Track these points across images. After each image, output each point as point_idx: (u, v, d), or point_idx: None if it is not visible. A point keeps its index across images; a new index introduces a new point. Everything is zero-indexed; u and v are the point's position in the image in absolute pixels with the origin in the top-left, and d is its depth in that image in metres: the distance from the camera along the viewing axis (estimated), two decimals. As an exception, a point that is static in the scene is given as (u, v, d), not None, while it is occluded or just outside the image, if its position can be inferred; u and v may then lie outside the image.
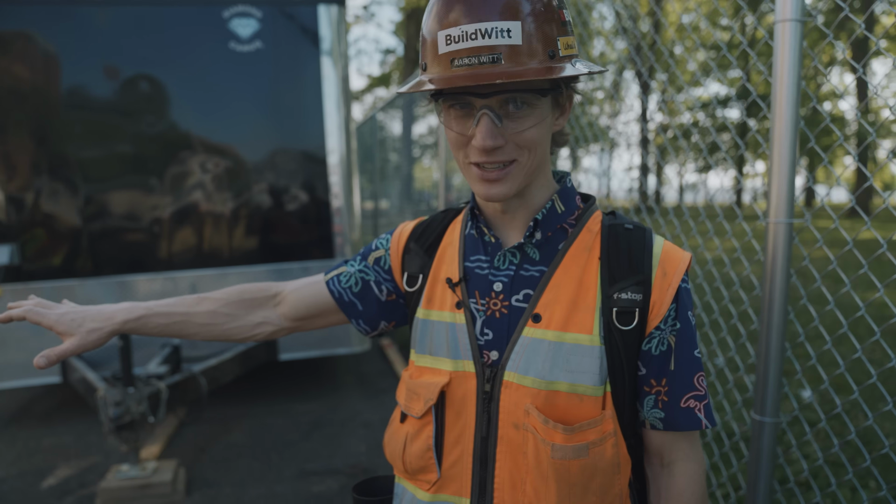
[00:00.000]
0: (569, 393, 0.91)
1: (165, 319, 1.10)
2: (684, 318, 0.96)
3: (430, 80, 0.86)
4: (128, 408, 3.06)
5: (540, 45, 0.84)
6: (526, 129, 0.88)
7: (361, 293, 1.15)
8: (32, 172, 4.07)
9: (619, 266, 0.95)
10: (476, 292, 0.99)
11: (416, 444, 1.00)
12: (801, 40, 1.54)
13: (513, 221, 1.00)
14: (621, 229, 0.99)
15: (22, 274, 4.11)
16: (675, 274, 0.95)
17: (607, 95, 21.43)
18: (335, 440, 3.97)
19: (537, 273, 0.97)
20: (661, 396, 0.96)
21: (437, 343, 1.01)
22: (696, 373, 0.97)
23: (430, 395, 0.99)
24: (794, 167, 1.56)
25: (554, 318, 0.93)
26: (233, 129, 4.34)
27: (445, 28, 0.83)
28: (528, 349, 0.93)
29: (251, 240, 4.42)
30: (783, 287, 1.58)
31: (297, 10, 4.31)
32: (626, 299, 0.93)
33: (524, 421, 0.92)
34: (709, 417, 0.97)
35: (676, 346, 0.95)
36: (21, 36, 3.98)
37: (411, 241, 1.13)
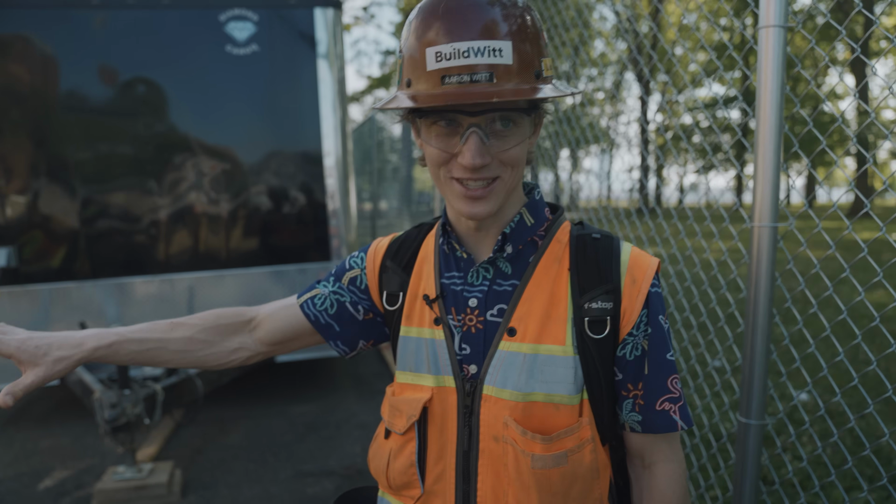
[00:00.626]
0: (545, 403, 0.92)
1: (138, 346, 1.04)
2: (655, 322, 0.97)
3: (415, 96, 0.85)
4: (123, 410, 3.07)
5: (527, 65, 0.85)
6: (511, 148, 0.89)
7: (338, 314, 1.13)
8: (30, 175, 4.09)
9: (588, 276, 0.96)
10: (452, 308, 1.00)
11: (400, 461, 1.01)
12: (785, 46, 1.55)
13: (486, 238, 1.01)
14: (589, 239, 1.00)
15: (19, 276, 4.12)
16: (644, 280, 0.96)
17: (608, 96, 21.43)
18: (331, 442, 3.99)
19: (510, 287, 0.98)
20: (638, 400, 0.97)
21: (417, 359, 1.02)
22: (670, 375, 0.98)
23: (412, 411, 0.99)
24: (779, 171, 1.58)
25: (528, 332, 0.94)
26: (229, 131, 4.35)
27: (435, 45, 0.83)
28: (505, 363, 0.94)
29: (248, 242, 4.44)
30: (768, 290, 1.59)
31: (293, 13, 4.32)
32: (596, 308, 0.94)
33: (503, 433, 0.93)
34: (684, 419, 0.99)
35: (649, 350, 0.97)
36: (19, 39, 3.99)
37: (387, 260, 1.12)
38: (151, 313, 4.31)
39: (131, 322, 4.26)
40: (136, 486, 3.20)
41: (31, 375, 0.94)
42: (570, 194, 7.87)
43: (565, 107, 9.39)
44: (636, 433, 1.00)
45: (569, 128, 3.60)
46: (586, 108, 8.16)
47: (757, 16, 1.58)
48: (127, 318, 4.27)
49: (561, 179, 9.09)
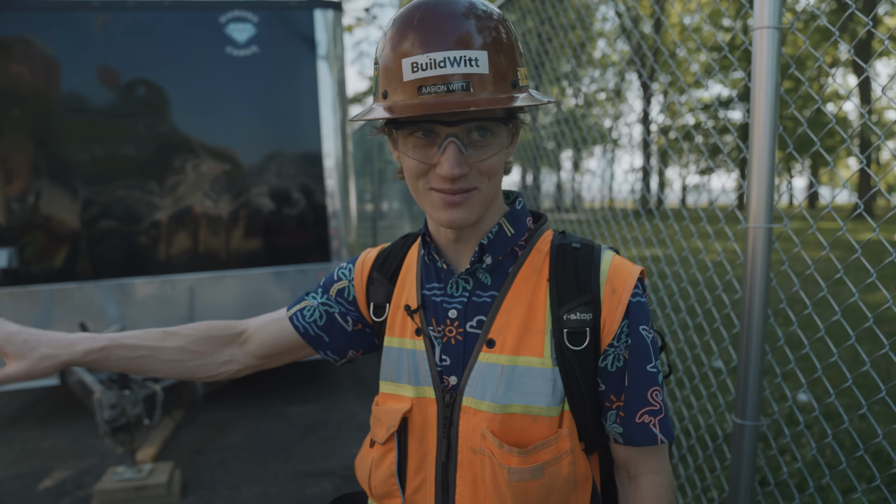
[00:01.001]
0: (523, 414, 0.92)
1: (130, 353, 1.03)
2: (636, 333, 0.95)
3: (391, 107, 0.84)
4: (123, 410, 3.08)
5: (503, 75, 0.85)
6: (489, 158, 0.88)
7: (327, 326, 1.13)
8: (31, 176, 4.10)
9: (566, 286, 0.95)
10: (433, 319, 1.00)
11: (381, 470, 1.01)
12: (780, 47, 1.55)
13: (465, 249, 1.00)
14: (569, 248, 0.99)
15: (21, 277, 4.14)
16: (625, 290, 0.95)
17: (608, 97, 21.42)
18: (330, 442, 3.99)
19: (489, 298, 0.97)
20: (620, 412, 0.96)
21: (398, 370, 1.02)
22: (651, 388, 0.96)
23: (392, 421, 0.99)
24: (773, 172, 1.58)
25: (507, 343, 0.94)
26: (230, 132, 4.37)
27: (410, 55, 0.83)
28: (484, 374, 0.94)
29: (248, 243, 4.45)
30: (762, 291, 1.59)
31: (293, 14, 4.34)
32: (575, 320, 0.93)
33: (481, 445, 0.93)
34: (665, 432, 0.97)
35: (630, 361, 0.95)
36: (20, 41, 4.01)
37: (374, 271, 1.12)
38: (152, 314, 4.32)
39: (132, 323, 4.27)
40: (135, 487, 3.21)
41: (13, 368, 0.94)
42: (573, 195, 7.86)
43: (568, 107, 9.39)
44: (620, 445, 0.99)
45: (569, 129, 3.60)
46: (589, 108, 8.16)
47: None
48: (128, 319, 4.28)
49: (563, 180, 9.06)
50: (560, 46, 3.75)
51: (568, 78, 4.90)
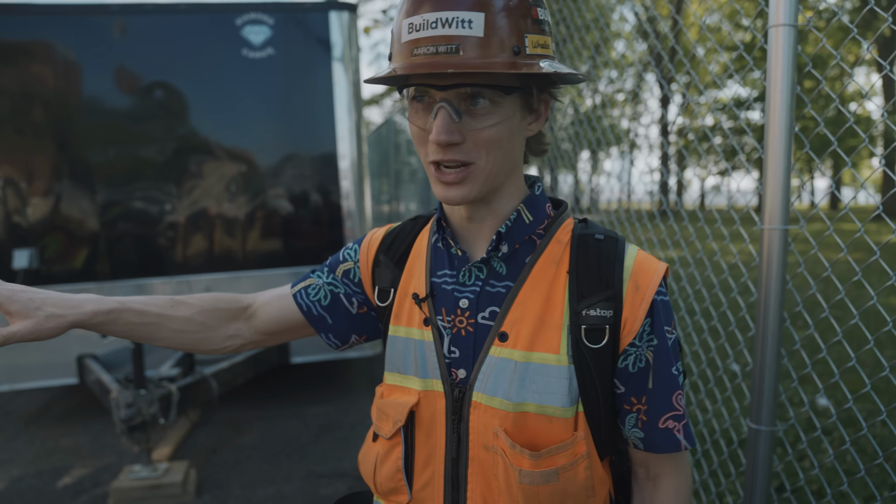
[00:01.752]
0: (537, 415, 0.87)
1: (138, 318, 0.98)
2: (661, 333, 0.90)
3: (395, 69, 0.83)
4: (139, 409, 3.11)
5: (503, 40, 0.79)
6: (485, 128, 0.83)
7: (331, 306, 1.09)
8: (52, 177, 4.17)
9: (587, 280, 0.89)
10: (443, 309, 0.95)
11: (387, 466, 0.98)
12: (795, 45, 1.52)
13: (480, 231, 0.95)
14: (591, 240, 0.93)
15: (41, 277, 4.20)
16: (649, 287, 0.89)
17: (628, 98, 21.31)
18: (344, 443, 4.00)
19: (503, 289, 0.92)
20: (641, 416, 0.92)
21: (405, 361, 0.97)
22: (675, 391, 0.92)
23: (398, 415, 0.95)
24: (789, 173, 1.55)
25: (521, 338, 0.89)
26: (246, 134, 4.40)
27: (409, 16, 0.81)
28: (495, 369, 0.89)
29: (263, 244, 4.48)
30: (778, 294, 1.57)
31: (308, 16, 4.36)
32: (595, 316, 0.88)
33: (493, 443, 0.89)
34: (688, 438, 0.93)
35: (654, 363, 0.90)
36: (41, 45, 4.08)
37: (380, 253, 1.07)
38: (169, 314, 4.35)
39: (149, 323, 4.31)
40: (151, 485, 3.24)
41: (17, 326, 0.86)
42: (591, 196, 7.80)
43: (585, 108, 9.35)
44: (639, 450, 0.95)
45: (589, 128, 3.57)
46: (605, 108, 8.09)
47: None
48: (145, 319, 4.31)
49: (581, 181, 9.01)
50: (577, 48, 3.72)
51: (588, 77, 4.87)
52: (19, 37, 4.05)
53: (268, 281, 4.49)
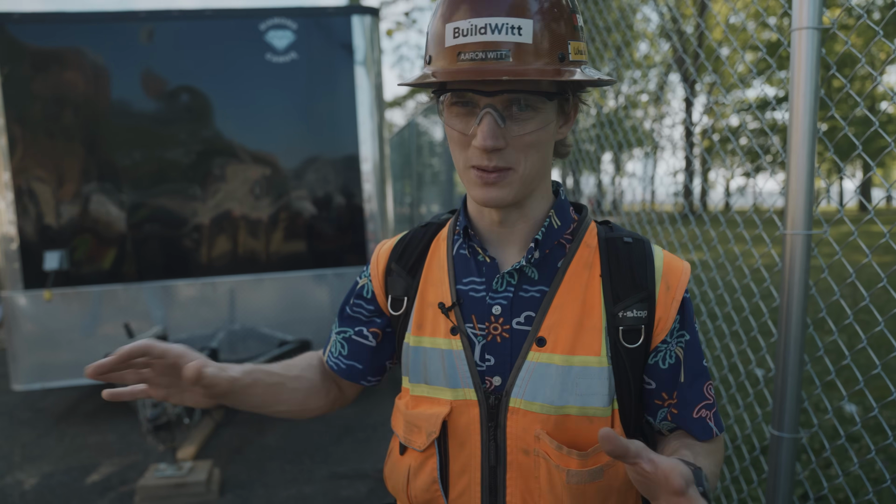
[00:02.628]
0: (579, 416, 0.89)
1: (267, 378, 1.01)
2: (691, 328, 0.95)
3: (434, 73, 0.83)
4: (164, 409, 3.16)
5: (550, 46, 0.81)
6: (528, 133, 0.84)
7: (351, 353, 1.10)
8: (82, 180, 4.26)
9: (622, 283, 0.92)
10: (473, 316, 0.94)
11: (421, 478, 0.97)
12: (819, 48, 1.51)
13: (510, 236, 0.96)
14: (620, 243, 0.96)
15: (71, 278, 4.30)
16: (678, 287, 0.93)
17: (652, 98, 21.08)
18: (366, 445, 4.02)
19: (538, 294, 0.92)
20: (672, 409, 0.95)
21: (432, 371, 0.97)
22: (706, 382, 0.96)
23: (432, 427, 0.95)
24: (813, 177, 1.53)
25: (560, 342, 0.90)
26: (269, 137, 4.46)
27: (454, 20, 0.81)
28: (535, 374, 0.90)
29: (287, 246, 4.53)
30: (801, 299, 1.55)
31: (331, 20, 4.40)
32: (631, 317, 0.91)
33: (535, 447, 0.89)
34: (718, 425, 0.97)
35: (686, 357, 0.94)
36: (73, 51, 4.17)
37: (392, 262, 1.07)
38: (193, 315, 4.43)
39: (175, 324, 4.40)
40: (176, 484, 3.29)
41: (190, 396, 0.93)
42: (613, 197, 7.73)
43: (608, 110, 9.27)
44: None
45: (611, 131, 3.56)
46: (630, 109, 8.03)
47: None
48: (171, 320, 4.40)
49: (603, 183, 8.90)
50: (600, 48, 3.71)
51: (616, 81, 4.85)
52: (51, 44, 4.15)
53: (291, 283, 4.53)
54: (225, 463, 3.80)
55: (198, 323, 4.45)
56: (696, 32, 17.13)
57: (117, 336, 4.31)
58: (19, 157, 4.18)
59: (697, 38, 17.46)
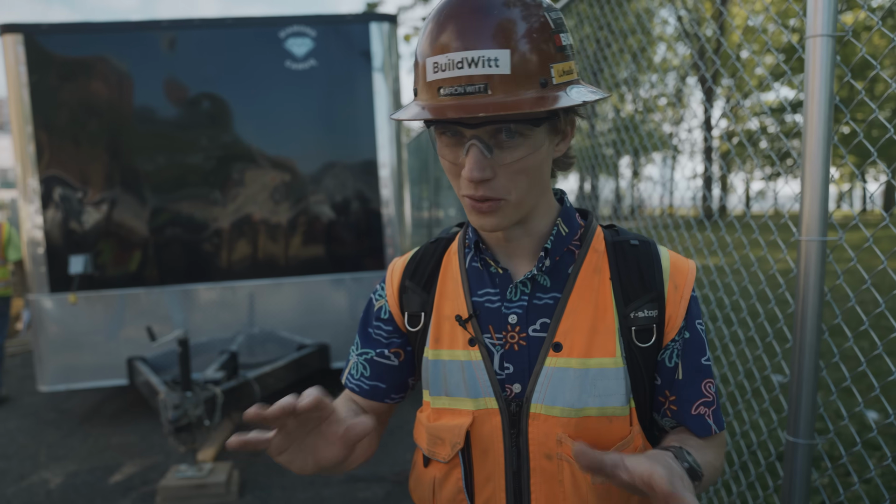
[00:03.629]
0: (598, 417, 0.91)
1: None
2: (692, 326, 0.97)
3: (423, 107, 0.83)
4: (185, 411, 3.22)
5: (530, 74, 0.79)
6: (518, 160, 0.84)
7: (374, 374, 1.09)
8: (105, 186, 4.35)
9: (631, 284, 0.95)
10: (490, 327, 0.96)
11: (447, 489, 0.98)
12: (834, 55, 1.51)
13: (518, 249, 0.97)
14: (627, 246, 0.98)
15: (95, 282, 4.38)
16: (686, 286, 0.96)
17: (670, 102, 20.96)
18: (383, 448, 4.05)
19: (551, 300, 0.94)
20: (669, 406, 0.97)
21: (452, 383, 0.97)
22: (705, 379, 0.97)
23: (456, 438, 0.96)
24: (828, 184, 1.53)
25: (576, 346, 0.91)
26: (288, 143, 4.52)
27: (434, 54, 0.80)
28: (553, 379, 0.91)
29: (305, 251, 4.58)
30: (816, 306, 1.55)
31: (349, 28, 4.45)
32: (643, 317, 0.93)
33: (557, 451, 0.91)
34: (717, 422, 0.98)
35: (684, 354, 0.96)
36: (98, 61, 4.27)
37: (406, 279, 1.07)
38: (213, 319, 4.50)
39: (195, 327, 4.47)
40: (196, 485, 3.34)
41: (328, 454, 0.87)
42: (631, 202, 7.70)
43: (625, 114, 9.21)
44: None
45: (628, 137, 3.56)
46: (648, 113, 8.00)
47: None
48: (192, 323, 4.47)
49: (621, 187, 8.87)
50: (619, 52, 3.71)
51: (627, 83, 4.84)
52: (77, 53, 4.26)
53: (309, 287, 4.58)
54: (244, 465, 3.85)
55: (218, 326, 4.51)
56: (714, 37, 17.02)
57: (140, 339, 4.39)
58: (46, 164, 4.28)
59: (715, 42, 17.34)
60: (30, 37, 4.20)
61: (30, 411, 5.08)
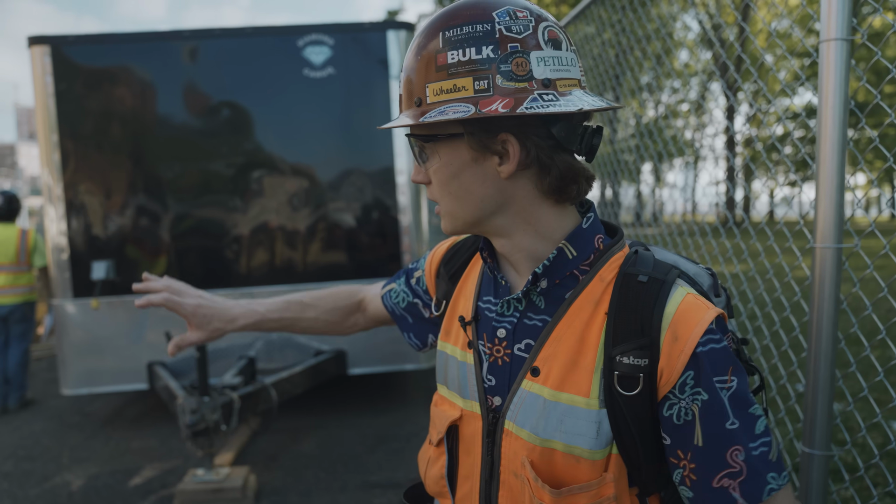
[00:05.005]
0: (565, 453, 0.86)
1: (277, 325, 1.26)
2: (709, 386, 0.81)
3: None
4: (203, 416, 3.25)
5: (409, 94, 0.87)
6: (431, 171, 0.91)
7: (408, 309, 1.22)
8: (128, 193, 4.43)
9: (624, 325, 0.85)
10: (485, 335, 0.97)
11: (434, 470, 1.03)
12: (849, 59, 1.49)
13: (516, 264, 0.95)
14: (633, 281, 0.87)
15: (117, 288, 4.45)
16: (689, 338, 0.82)
17: (693, 107, 20.77)
18: (399, 455, 4.05)
19: (540, 323, 0.91)
20: (688, 473, 0.84)
21: (451, 377, 1.02)
22: (730, 447, 0.82)
23: (441, 427, 1.00)
24: (843, 190, 1.51)
25: (551, 375, 0.87)
26: (307, 150, 4.56)
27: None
28: (526, 402, 0.89)
29: (323, 257, 4.61)
30: (832, 314, 1.52)
31: (367, 36, 4.49)
32: (627, 364, 0.83)
33: (521, 472, 0.89)
34: (747, 496, 0.82)
35: (702, 418, 0.82)
36: (121, 70, 4.36)
37: (441, 265, 1.13)
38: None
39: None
40: (213, 489, 3.37)
41: (194, 335, 1.19)
42: (653, 209, 7.63)
43: (647, 120, 9.15)
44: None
45: (651, 141, 3.53)
46: (669, 119, 7.93)
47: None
48: (211, 329, 4.51)
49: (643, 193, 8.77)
50: (639, 57, 3.69)
51: (649, 89, 4.82)
52: (102, 63, 4.35)
53: (326, 293, 4.60)
54: (261, 470, 3.87)
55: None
56: (738, 39, 16.89)
57: (160, 344, 4.45)
58: (71, 172, 4.37)
59: (739, 45, 17.16)
60: (56, 48, 4.30)
61: (54, 414, 5.17)
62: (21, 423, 4.99)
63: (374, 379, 5.78)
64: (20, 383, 5.36)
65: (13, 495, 3.66)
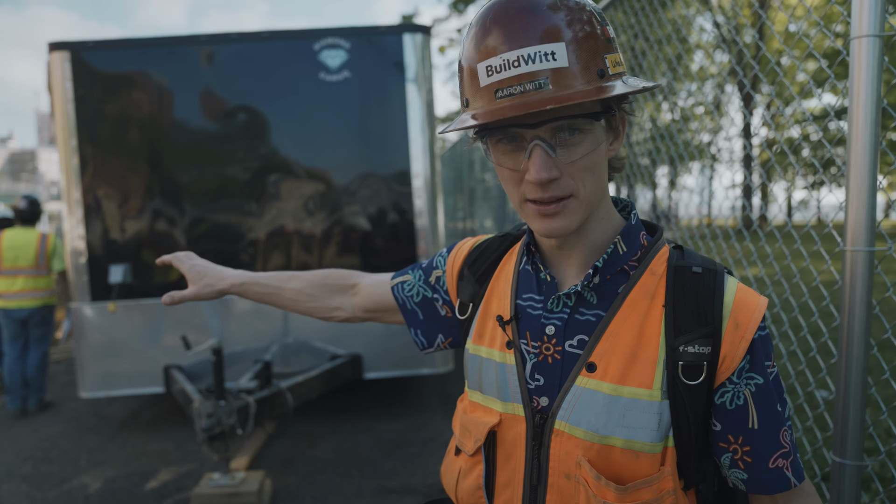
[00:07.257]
0: (624, 449, 0.85)
1: (262, 289, 1.26)
2: (762, 370, 0.86)
3: (475, 115, 0.81)
4: (219, 419, 3.25)
5: (587, 65, 0.78)
6: (581, 157, 0.82)
7: (422, 304, 1.17)
8: (145, 197, 4.45)
9: (685, 316, 0.86)
10: (527, 333, 0.94)
11: (468, 482, 0.98)
12: (881, 57, 1.44)
13: (569, 258, 0.94)
14: (689, 273, 0.89)
15: (133, 291, 4.47)
16: (749, 325, 0.85)
17: (707, 111, 20.61)
18: (415, 459, 4.02)
19: (594, 318, 0.90)
20: (742, 456, 0.88)
21: (486, 381, 0.98)
22: (781, 428, 0.87)
23: (479, 434, 0.96)
24: (875, 191, 1.46)
25: (610, 370, 0.87)
26: (323, 154, 4.56)
27: (485, 59, 0.80)
28: (581, 399, 0.87)
29: (339, 261, 4.60)
30: (863, 319, 1.47)
31: (383, 39, 4.48)
32: (692, 353, 0.85)
33: (576, 472, 0.87)
34: (797, 474, 0.88)
35: (756, 402, 0.86)
36: (139, 75, 4.38)
37: (465, 267, 1.09)
38: (248, 327, 4.54)
39: (230, 335, 4.52)
40: (229, 493, 3.36)
41: (190, 290, 1.26)
42: (668, 213, 7.56)
43: (664, 123, 9.13)
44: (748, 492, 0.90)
45: (668, 143, 3.49)
46: (686, 122, 7.86)
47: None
48: (227, 332, 4.52)
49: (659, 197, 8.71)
50: (655, 60, 3.65)
51: (663, 92, 4.77)
52: (120, 68, 4.37)
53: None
54: (276, 474, 3.86)
55: (252, 336, 4.56)
56: (753, 43, 16.72)
57: (176, 348, 4.46)
58: (89, 176, 4.40)
59: (755, 48, 17.00)
60: (75, 53, 4.33)
61: (72, 416, 5.20)
62: (39, 425, 5.03)
63: (390, 383, 5.75)
64: (39, 386, 5.40)
65: (32, 497, 3.68)
